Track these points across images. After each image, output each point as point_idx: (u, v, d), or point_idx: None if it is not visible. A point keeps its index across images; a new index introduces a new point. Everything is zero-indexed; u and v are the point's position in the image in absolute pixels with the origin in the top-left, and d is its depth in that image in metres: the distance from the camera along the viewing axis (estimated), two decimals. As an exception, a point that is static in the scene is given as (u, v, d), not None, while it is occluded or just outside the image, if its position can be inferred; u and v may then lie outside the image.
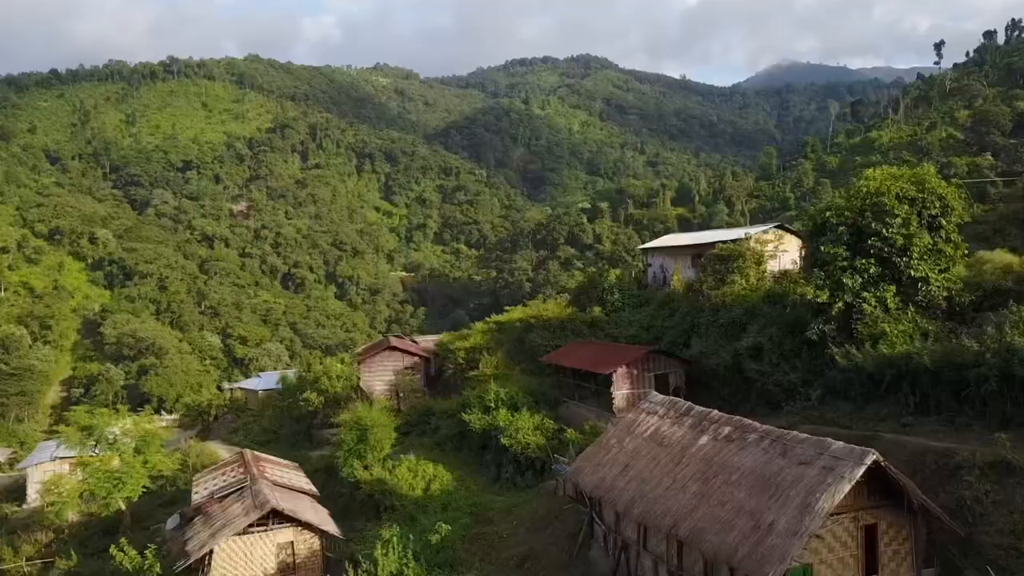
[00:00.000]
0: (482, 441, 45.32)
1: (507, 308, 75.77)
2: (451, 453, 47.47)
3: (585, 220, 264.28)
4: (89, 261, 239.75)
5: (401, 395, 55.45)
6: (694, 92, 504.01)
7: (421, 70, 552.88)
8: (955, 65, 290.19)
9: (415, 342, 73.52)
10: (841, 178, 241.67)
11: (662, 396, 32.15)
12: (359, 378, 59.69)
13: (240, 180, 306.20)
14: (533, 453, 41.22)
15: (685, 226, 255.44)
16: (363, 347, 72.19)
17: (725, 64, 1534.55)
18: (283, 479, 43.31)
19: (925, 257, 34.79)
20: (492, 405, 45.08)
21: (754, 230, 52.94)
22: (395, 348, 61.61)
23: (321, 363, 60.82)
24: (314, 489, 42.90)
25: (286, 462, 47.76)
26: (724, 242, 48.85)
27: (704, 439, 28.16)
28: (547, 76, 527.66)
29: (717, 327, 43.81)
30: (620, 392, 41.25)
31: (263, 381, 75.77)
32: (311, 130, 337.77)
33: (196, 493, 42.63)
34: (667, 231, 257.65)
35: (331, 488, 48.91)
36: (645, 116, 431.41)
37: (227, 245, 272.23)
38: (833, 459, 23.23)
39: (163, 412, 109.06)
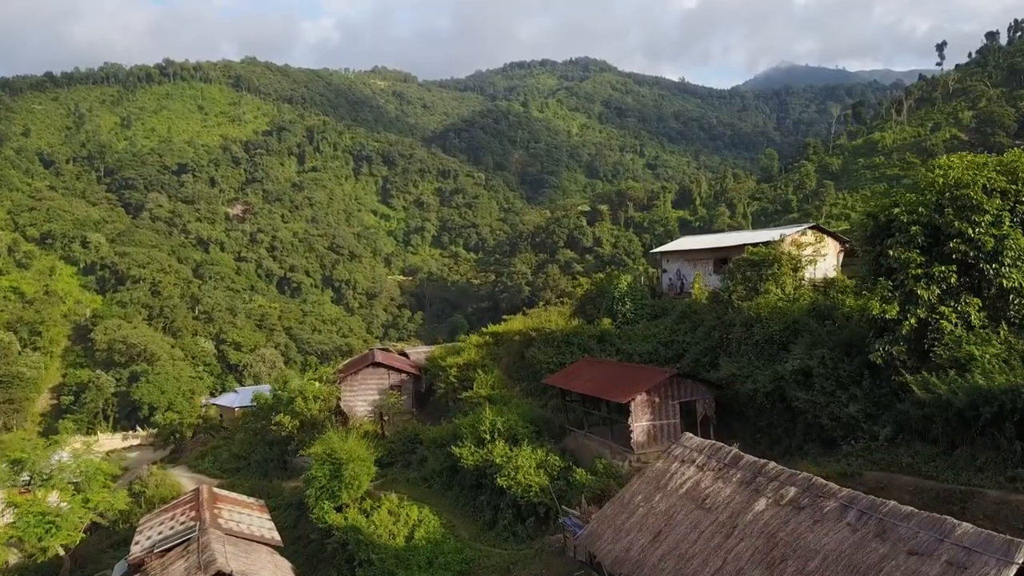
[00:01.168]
0: (476, 479, 38.14)
1: (505, 317, 68.70)
2: (440, 491, 40.35)
3: (585, 223, 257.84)
4: (81, 265, 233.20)
5: (385, 418, 48.43)
6: (693, 94, 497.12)
7: (419, 73, 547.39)
8: (957, 66, 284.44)
9: (405, 355, 66.48)
10: (844, 180, 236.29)
11: (699, 439, 25.06)
12: (339, 398, 52.71)
13: (236, 183, 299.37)
14: (536, 497, 34.08)
15: (686, 228, 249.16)
16: (344, 363, 64.96)
17: (724, 67, 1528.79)
18: (241, 525, 36.21)
19: (1020, 263, 27.69)
20: (487, 437, 37.96)
21: (789, 231, 45.85)
22: (379, 364, 54.44)
23: (297, 381, 53.59)
24: (277, 537, 35.72)
25: (249, 500, 40.60)
26: (754, 245, 41.77)
27: (761, 503, 21.00)
28: (546, 79, 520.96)
29: (751, 345, 36.72)
30: (639, 424, 34.15)
31: (240, 397, 68.60)
32: (308, 133, 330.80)
33: (137, 543, 35.49)
34: (668, 234, 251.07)
35: (303, 528, 41.87)
36: (644, 118, 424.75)
37: (222, 249, 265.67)
38: (962, 551, 15.91)
39: (139, 427, 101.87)
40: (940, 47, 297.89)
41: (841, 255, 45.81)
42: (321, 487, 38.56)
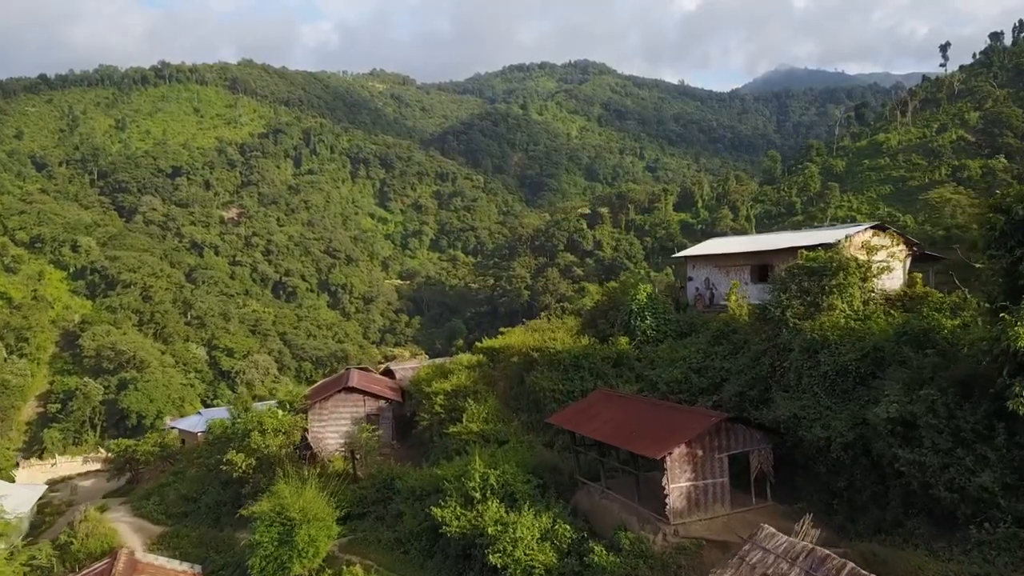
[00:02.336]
0: (463, 548, 29.26)
1: (503, 330, 59.84)
2: (418, 559, 31.46)
3: (585, 226, 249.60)
4: (71, 270, 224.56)
5: (358, 456, 39.71)
6: (692, 97, 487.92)
7: (418, 76, 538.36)
8: (961, 67, 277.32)
9: (390, 372, 57.73)
10: (849, 181, 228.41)
11: (787, 540, 16.33)
12: (306, 430, 44.02)
13: (231, 186, 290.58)
14: (540, 582, 25.29)
15: (688, 231, 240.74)
16: (314, 386, 55.95)
17: (723, 70, 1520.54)
18: (160, 611, 27.57)
19: None
20: (476, 495, 29.05)
21: (853, 230, 36.96)
22: (353, 389, 45.66)
23: (262, 406, 44.67)
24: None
25: (181, 569, 31.82)
26: (809, 248, 32.92)
27: None
28: (545, 81, 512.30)
29: (817, 377, 27.93)
30: (677, 485, 25.37)
31: (204, 420, 59.58)
32: (305, 135, 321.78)
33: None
34: (670, 237, 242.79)
35: (252, 598, 33.02)
36: (644, 121, 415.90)
37: (217, 253, 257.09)
38: None
39: (101, 448, 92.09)
40: (944, 48, 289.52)
41: (908, 260, 37.02)
42: (267, 555, 29.78)
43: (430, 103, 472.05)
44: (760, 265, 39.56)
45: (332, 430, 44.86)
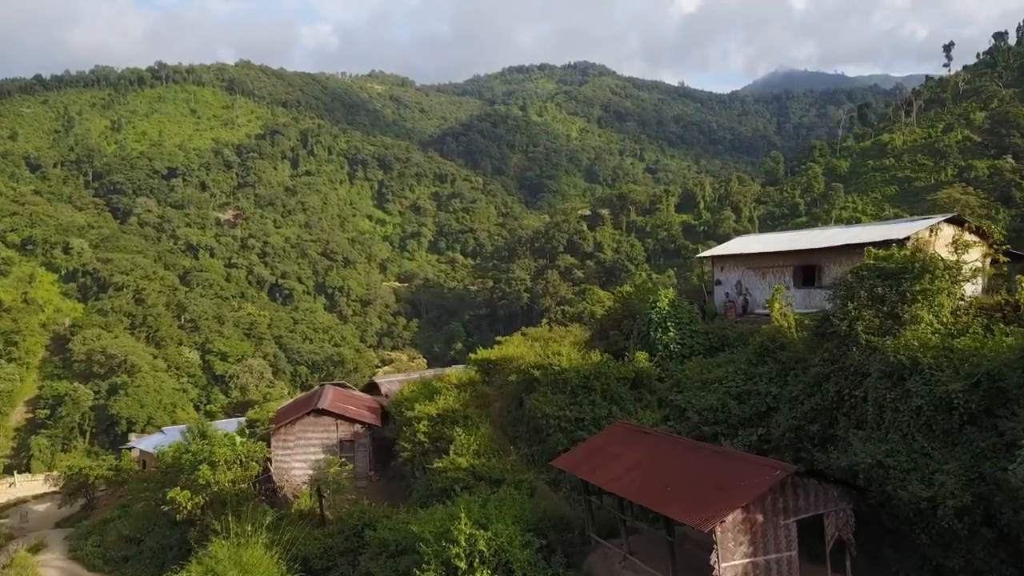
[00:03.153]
0: (445, 633, 22.30)
1: (499, 339, 53.13)
2: (390, 639, 24.56)
3: (585, 227, 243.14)
4: (62, 272, 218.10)
5: (326, 495, 32.64)
6: (692, 99, 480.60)
7: (417, 78, 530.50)
8: (965, 67, 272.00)
9: (375, 385, 50.73)
10: (853, 182, 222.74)
11: None
12: (269, 459, 37.14)
13: (227, 188, 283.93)
14: None
15: (690, 233, 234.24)
16: (282, 406, 48.86)
17: (722, 72, 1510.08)
18: None
19: None
20: (462, 565, 21.98)
21: (922, 223, 29.97)
22: (324, 412, 38.67)
23: (212, 432, 37.66)
24: None
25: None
26: (878, 245, 26.00)
27: None
28: (544, 83, 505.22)
29: (908, 413, 20.96)
30: (732, 564, 18.42)
31: (168, 439, 52.39)
32: (302, 136, 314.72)
33: None
34: (671, 239, 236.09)
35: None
36: (644, 122, 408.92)
37: (212, 255, 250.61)
38: None
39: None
40: (947, 48, 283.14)
41: (988, 261, 30.08)
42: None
43: (429, 104, 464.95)
44: (805, 266, 32.67)
45: (299, 459, 37.91)
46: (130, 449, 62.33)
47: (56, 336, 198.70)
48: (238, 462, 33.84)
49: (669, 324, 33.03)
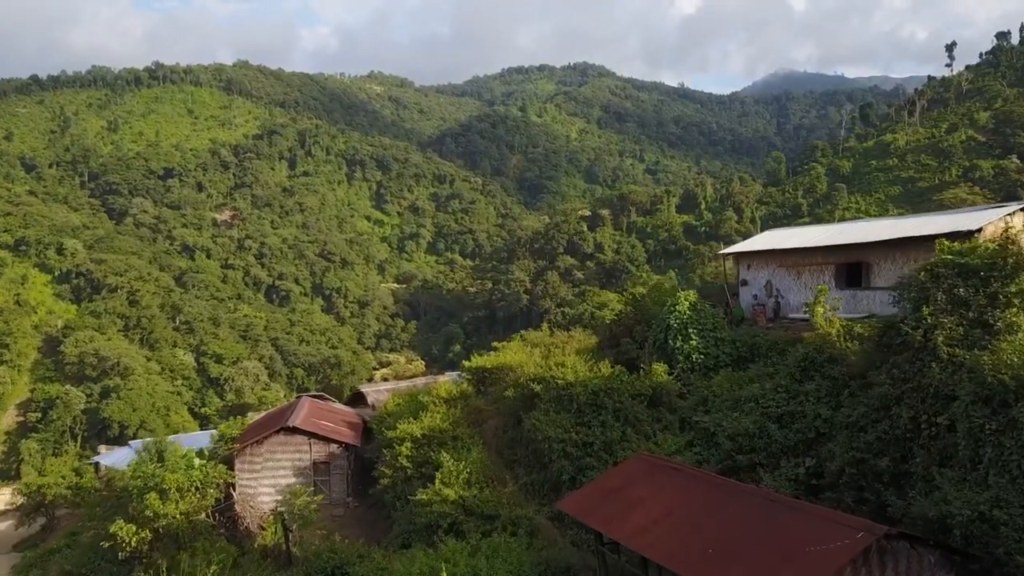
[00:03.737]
0: None
1: (496, 345, 48.26)
2: None
3: (585, 228, 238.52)
4: (56, 273, 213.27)
5: (292, 531, 27.76)
6: (692, 100, 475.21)
7: (417, 79, 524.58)
8: (968, 67, 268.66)
9: (361, 397, 45.91)
10: (856, 182, 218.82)
11: None
12: (231, 485, 32.35)
13: (224, 188, 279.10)
14: None
15: (692, 234, 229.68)
16: (251, 422, 43.64)
17: (722, 74, 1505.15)
18: None
19: None
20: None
21: (994, 213, 25.11)
22: (296, 431, 33.75)
23: (172, 451, 32.70)
24: None
25: None
26: (951, 236, 21.22)
27: None
28: (544, 84, 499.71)
29: (1016, 450, 16.21)
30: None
31: (131, 454, 47.36)
32: (300, 137, 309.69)
33: None
34: (672, 239, 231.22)
35: None
36: (644, 123, 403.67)
37: (208, 256, 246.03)
38: None
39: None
40: (949, 48, 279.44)
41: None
42: None
43: (428, 105, 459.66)
44: (850, 264, 27.97)
45: (267, 484, 33.13)
46: (95, 464, 57.40)
47: (48, 338, 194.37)
48: (194, 489, 29.01)
49: (690, 331, 28.28)
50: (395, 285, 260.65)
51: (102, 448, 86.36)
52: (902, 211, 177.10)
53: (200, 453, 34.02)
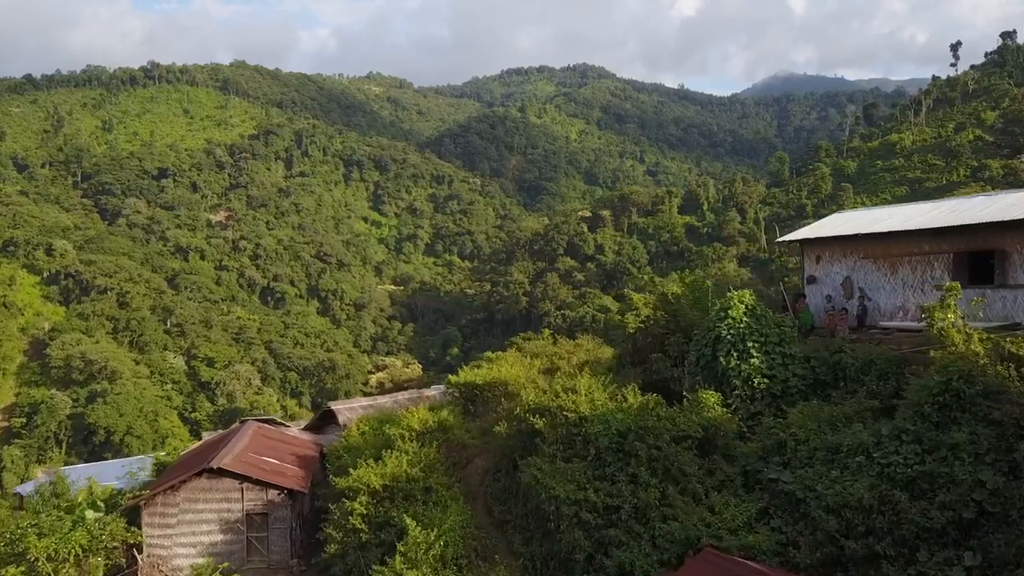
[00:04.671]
0: None
1: (488, 355, 40.42)
2: None
3: (586, 229, 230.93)
4: (44, 275, 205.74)
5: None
6: (693, 101, 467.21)
7: (416, 80, 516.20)
8: (972, 67, 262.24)
9: (331, 417, 37.78)
10: (862, 183, 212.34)
11: None
12: (137, 548, 24.17)
13: (219, 189, 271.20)
14: None
15: (694, 235, 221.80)
16: (186, 452, 34.98)
17: (722, 76, 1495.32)
18: None
19: None
20: None
21: None
22: (224, 472, 25.35)
23: (68, 494, 24.47)
24: None
25: None
26: None
27: None
28: (543, 85, 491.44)
29: None
30: None
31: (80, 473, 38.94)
32: (297, 137, 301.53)
33: None
34: (674, 241, 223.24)
35: None
36: (644, 124, 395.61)
37: (203, 257, 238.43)
38: None
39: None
40: (954, 47, 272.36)
41: None
42: None
43: (427, 106, 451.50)
44: (974, 252, 19.93)
45: (185, 544, 24.85)
46: (17, 496, 49.18)
47: (35, 341, 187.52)
48: (73, 558, 20.88)
49: (749, 344, 20.16)
50: (392, 287, 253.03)
51: (39, 472, 78.07)
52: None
53: (119, 494, 25.93)
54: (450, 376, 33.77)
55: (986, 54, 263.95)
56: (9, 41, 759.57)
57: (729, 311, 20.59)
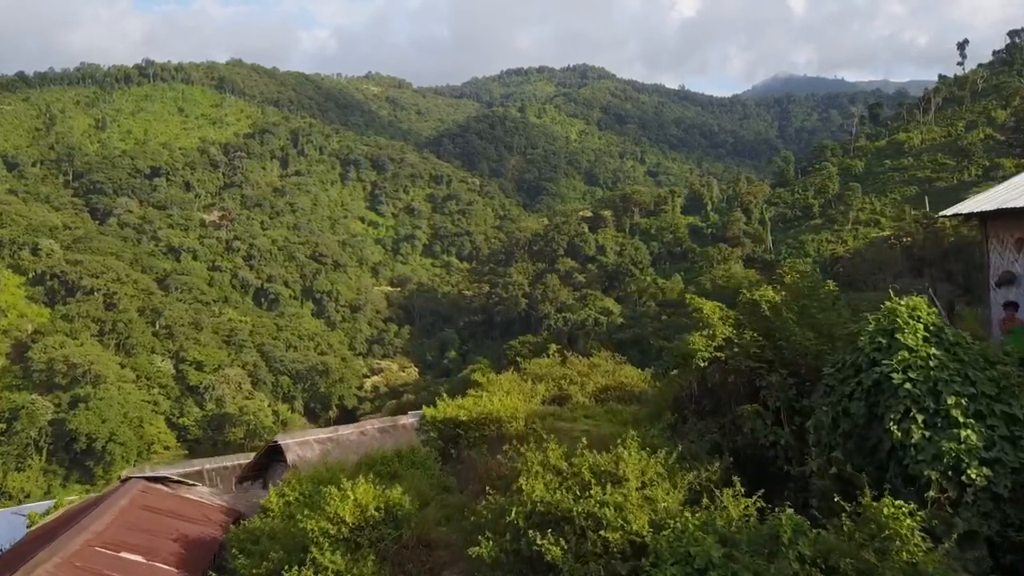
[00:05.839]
0: None
1: (477, 376, 31.49)
2: None
3: (586, 229, 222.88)
4: (30, 275, 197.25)
5: None
6: (693, 102, 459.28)
7: (415, 80, 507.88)
8: (980, 65, 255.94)
9: (277, 454, 28.86)
10: (869, 182, 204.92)
11: None
12: None
13: (213, 188, 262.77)
14: None
15: (698, 235, 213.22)
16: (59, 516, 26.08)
17: (722, 77, 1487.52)
18: None
19: None
20: None
21: None
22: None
23: None
24: None
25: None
26: None
27: None
28: (543, 85, 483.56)
29: None
30: None
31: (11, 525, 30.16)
32: (293, 136, 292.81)
33: None
34: (677, 241, 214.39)
35: None
36: (644, 125, 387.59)
37: (195, 258, 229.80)
38: None
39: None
40: (961, 46, 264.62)
41: None
42: None
43: (426, 106, 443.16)
44: None
45: None
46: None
47: (18, 343, 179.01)
48: None
49: (950, 403, 10.37)
50: (389, 288, 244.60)
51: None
52: (923, 212, 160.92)
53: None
54: (425, 408, 24.60)
55: (994, 52, 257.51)
56: (9, 41, 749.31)
57: (896, 335, 10.67)
